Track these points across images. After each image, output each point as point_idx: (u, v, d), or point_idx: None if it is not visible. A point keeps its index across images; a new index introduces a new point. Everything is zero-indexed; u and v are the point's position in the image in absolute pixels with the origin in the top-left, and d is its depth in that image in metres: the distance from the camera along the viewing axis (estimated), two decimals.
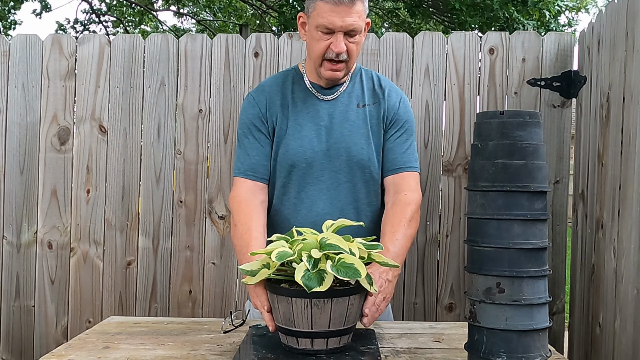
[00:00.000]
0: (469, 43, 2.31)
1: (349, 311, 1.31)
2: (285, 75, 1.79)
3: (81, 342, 1.45)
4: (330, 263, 1.24)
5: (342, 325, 1.31)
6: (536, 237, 1.17)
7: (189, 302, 2.36)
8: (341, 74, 1.67)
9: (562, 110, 2.30)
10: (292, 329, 1.31)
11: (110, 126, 2.37)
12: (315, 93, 1.73)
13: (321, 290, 1.21)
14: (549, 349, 1.22)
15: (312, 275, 1.23)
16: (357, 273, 1.23)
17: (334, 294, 1.27)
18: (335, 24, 1.59)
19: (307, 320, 1.28)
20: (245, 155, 1.72)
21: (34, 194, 2.38)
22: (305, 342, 1.31)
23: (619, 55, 1.78)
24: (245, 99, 1.80)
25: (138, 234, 2.36)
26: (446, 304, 2.33)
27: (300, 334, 1.31)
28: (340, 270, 1.23)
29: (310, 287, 1.21)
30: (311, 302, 1.27)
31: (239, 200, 1.69)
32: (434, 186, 2.31)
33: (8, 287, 2.39)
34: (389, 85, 1.79)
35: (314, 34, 1.63)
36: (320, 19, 1.59)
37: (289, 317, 1.30)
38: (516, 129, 1.17)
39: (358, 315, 1.37)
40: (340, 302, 1.28)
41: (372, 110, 1.74)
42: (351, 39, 1.62)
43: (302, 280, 1.22)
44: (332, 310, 1.28)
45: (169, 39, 2.37)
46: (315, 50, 1.64)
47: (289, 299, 1.28)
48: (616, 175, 1.78)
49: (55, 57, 2.38)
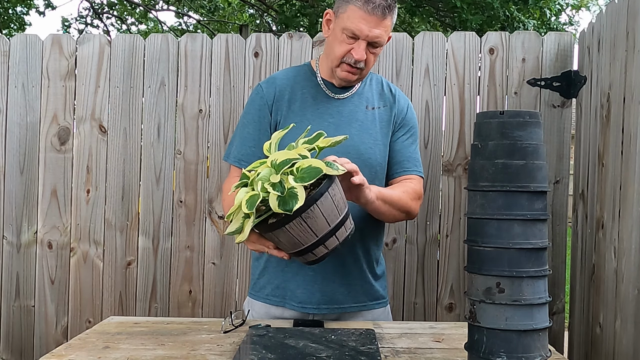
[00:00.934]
0: (469, 43, 2.31)
1: (336, 201, 1.33)
2: (298, 70, 1.79)
3: (81, 342, 1.45)
4: (292, 177, 1.26)
5: (338, 216, 1.34)
6: (536, 237, 1.17)
7: (189, 302, 2.36)
8: (355, 78, 1.68)
9: (562, 110, 2.30)
10: (303, 249, 1.35)
11: (110, 126, 2.37)
12: (326, 90, 1.73)
13: (301, 204, 1.24)
14: (549, 349, 1.22)
15: (285, 199, 1.25)
16: (318, 170, 1.26)
17: (315, 198, 1.29)
18: (362, 32, 1.59)
19: (309, 233, 1.32)
20: (241, 143, 1.74)
21: (34, 194, 2.38)
22: (320, 251, 1.36)
23: (619, 55, 1.78)
24: (254, 88, 1.79)
25: (138, 234, 2.36)
26: (446, 304, 2.33)
27: (312, 247, 1.34)
28: (304, 177, 1.25)
29: (291, 208, 1.24)
30: (302, 218, 1.29)
31: (229, 180, 1.74)
32: (434, 186, 2.31)
33: (8, 287, 2.39)
34: (397, 91, 1.81)
35: (338, 35, 1.64)
36: (350, 23, 1.59)
37: (294, 241, 1.34)
38: (516, 129, 1.17)
39: (343, 196, 1.39)
40: (325, 201, 1.31)
41: (382, 113, 1.74)
42: (372, 50, 1.64)
43: (281, 208, 1.24)
44: (322, 211, 1.31)
45: (169, 39, 2.37)
46: (336, 51, 1.65)
47: (283, 228, 1.31)
48: (616, 175, 1.77)
49: (55, 57, 2.38)
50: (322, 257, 1.38)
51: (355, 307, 1.72)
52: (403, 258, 2.33)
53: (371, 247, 1.75)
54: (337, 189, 1.35)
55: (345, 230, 1.37)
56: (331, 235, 1.35)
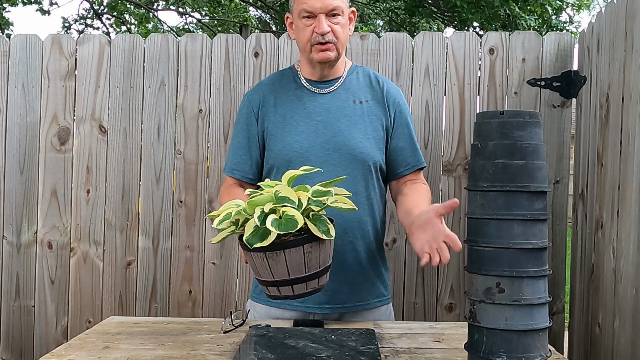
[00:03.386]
0: (469, 43, 2.31)
1: (307, 258, 1.31)
2: (282, 74, 1.81)
3: (81, 342, 1.45)
4: (272, 217, 1.25)
5: (303, 272, 1.32)
6: (536, 237, 1.17)
7: (189, 302, 2.36)
8: (332, 54, 1.67)
9: (562, 110, 2.30)
10: (259, 279, 1.36)
11: (110, 126, 2.37)
12: (310, 88, 1.74)
13: (264, 245, 1.24)
14: (549, 349, 1.22)
15: (258, 232, 1.26)
16: (294, 224, 1.24)
17: (284, 246, 1.28)
18: (314, 6, 1.62)
19: (267, 271, 1.32)
20: (233, 153, 1.78)
21: (34, 194, 2.38)
22: (273, 290, 1.35)
23: (618, 55, 1.78)
24: (243, 97, 1.83)
25: (138, 234, 2.36)
26: (446, 304, 2.33)
27: (267, 282, 1.35)
28: (280, 224, 1.25)
29: (252, 243, 1.25)
30: (265, 255, 1.29)
31: (225, 188, 1.78)
32: (434, 186, 2.31)
33: (8, 287, 2.39)
34: (385, 81, 1.80)
35: (298, 24, 1.67)
36: (301, 5, 1.64)
37: (255, 268, 1.35)
38: (516, 129, 1.17)
39: (324, 260, 1.36)
40: (294, 252, 1.29)
41: (372, 107, 1.74)
42: (334, 20, 1.65)
43: (247, 238, 1.26)
44: (287, 260, 1.30)
45: (169, 39, 2.37)
46: (302, 38, 1.68)
47: (250, 253, 1.32)
48: (615, 175, 1.77)
49: (55, 57, 2.38)
50: (272, 296, 1.37)
51: (358, 305, 1.72)
52: (403, 258, 2.33)
53: (373, 245, 1.74)
54: (319, 250, 1.33)
55: (305, 287, 1.34)
56: (287, 284, 1.33)
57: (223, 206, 1.35)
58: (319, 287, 1.38)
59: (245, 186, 1.75)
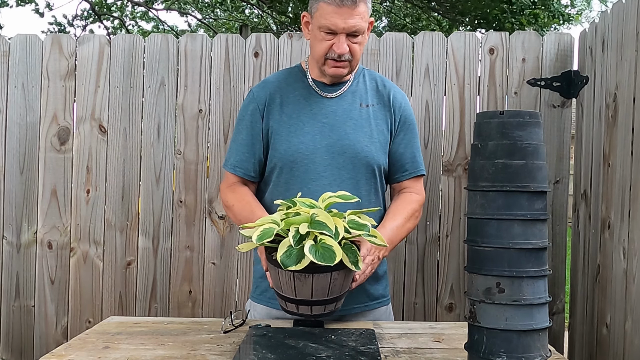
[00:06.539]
0: (469, 43, 2.31)
1: (332, 284, 1.37)
2: (289, 72, 1.79)
3: (81, 342, 1.45)
4: (309, 244, 1.30)
5: (325, 296, 1.38)
6: (536, 237, 1.17)
7: (189, 302, 2.36)
8: (345, 71, 1.68)
9: (562, 110, 2.30)
10: (280, 293, 1.43)
11: (110, 126, 2.37)
12: (318, 91, 1.73)
13: (297, 269, 1.30)
14: (549, 349, 1.22)
15: (292, 253, 1.30)
16: (332, 257, 1.29)
17: (315, 270, 1.33)
18: (337, 25, 1.59)
19: (291, 289, 1.38)
20: (236, 150, 1.76)
21: (34, 194, 2.38)
22: (291, 306, 1.42)
23: (628, 56, 1.76)
24: (247, 94, 1.81)
25: (138, 234, 2.36)
26: (446, 304, 2.33)
27: (287, 298, 1.41)
28: (317, 252, 1.29)
29: (287, 265, 1.30)
30: (294, 275, 1.35)
31: (228, 186, 1.77)
32: (434, 186, 2.31)
33: (8, 287, 2.39)
34: (392, 86, 1.80)
35: (317, 34, 1.64)
36: (323, 20, 1.60)
37: (277, 283, 1.42)
38: (516, 129, 1.17)
39: (345, 286, 1.43)
40: (322, 277, 1.36)
41: (377, 111, 1.74)
42: (354, 40, 1.63)
43: (281, 258, 1.30)
44: (314, 283, 1.35)
45: (169, 39, 2.37)
46: (318, 50, 1.65)
47: (277, 268, 1.37)
48: (626, 175, 1.75)
49: (55, 57, 2.38)
50: (288, 311, 1.45)
51: (357, 308, 1.72)
52: (403, 258, 2.33)
53: None
54: (342, 277, 1.40)
55: (323, 309, 1.42)
56: (308, 304, 1.40)
57: (258, 220, 1.38)
58: (334, 309, 1.45)
59: (248, 184, 1.75)
